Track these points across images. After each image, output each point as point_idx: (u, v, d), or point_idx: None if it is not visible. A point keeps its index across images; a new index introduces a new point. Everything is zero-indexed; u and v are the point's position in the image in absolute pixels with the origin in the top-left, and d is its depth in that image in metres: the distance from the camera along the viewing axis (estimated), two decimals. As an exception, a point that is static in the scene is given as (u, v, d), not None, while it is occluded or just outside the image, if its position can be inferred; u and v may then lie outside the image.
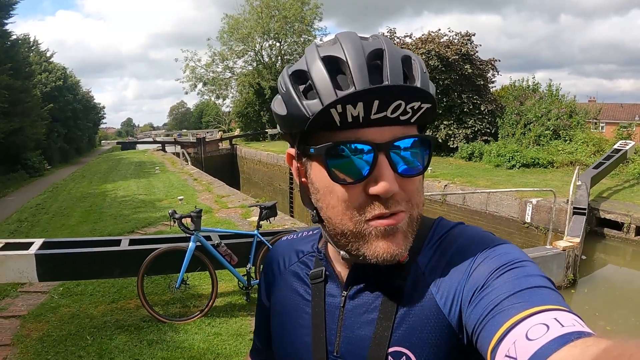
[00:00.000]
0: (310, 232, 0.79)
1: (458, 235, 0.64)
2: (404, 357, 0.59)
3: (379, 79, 0.55)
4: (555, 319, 0.45)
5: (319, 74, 0.56)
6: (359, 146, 0.55)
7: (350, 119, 0.53)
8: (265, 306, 0.80)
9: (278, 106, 0.61)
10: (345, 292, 0.66)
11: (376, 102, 0.52)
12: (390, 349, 0.60)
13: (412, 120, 0.56)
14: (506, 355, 0.45)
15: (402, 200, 0.57)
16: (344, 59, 0.56)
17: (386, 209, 0.56)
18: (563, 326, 0.43)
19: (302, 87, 0.58)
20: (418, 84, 0.57)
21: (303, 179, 0.64)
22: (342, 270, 0.68)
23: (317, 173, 0.59)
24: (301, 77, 0.58)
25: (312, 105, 0.56)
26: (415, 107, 0.54)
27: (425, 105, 0.55)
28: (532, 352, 0.42)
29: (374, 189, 0.55)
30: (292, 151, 0.64)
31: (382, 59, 0.56)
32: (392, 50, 0.57)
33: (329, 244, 0.68)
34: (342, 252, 0.63)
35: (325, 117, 0.54)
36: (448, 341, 0.57)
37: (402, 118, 0.55)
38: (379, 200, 0.56)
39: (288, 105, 0.59)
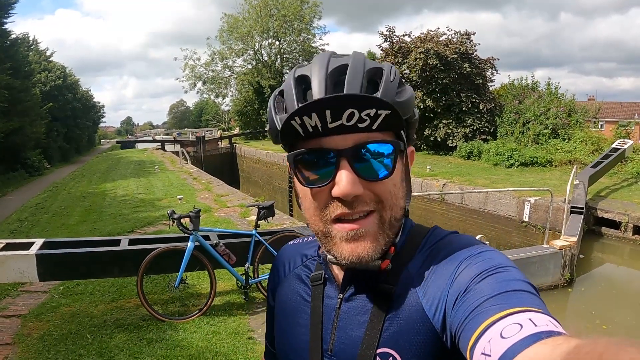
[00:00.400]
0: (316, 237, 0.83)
1: (448, 243, 0.67)
2: (391, 358, 0.62)
3: (340, 92, 0.60)
4: (529, 319, 0.47)
5: (289, 90, 0.64)
6: (323, 152, 0.59)
7: (310, 129, 0.57)
8: (272, 308, 0.84)
9: (267, 122, 0.68)
10: (342, 295, 0.69)
11: (328, 112, 0.55)
12: (379, 350, 0.63)
13: (374, 127, 0.58)
14: (482, 353, 0.48)
15: (371, 201, 0.60)
16: (309, 76, 0.62)
17: (350, 209, 0.60)
18: (536, 326, 0.46)
19: (282, 104, 0.65)
20: (378, 93, 0.60)
21: (296, 186, 0.68)
22: (339, 274, 0.71)
23: (296, 179, 0.64)
24: (282, 95, 0.66)
25: (282, 119, 0.63)
26: (371, 114, 0.56)
27: (383, 112, 0.56)
28: (505, 349, 0.45)
29: (334, 192, 0.59)
30: None
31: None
32: (358, 64, 0.62)
33: None
34: (329, 256, 0.66)
35: (290, 128, 0.58)
36: (432, 344, 0.60)
37: (360, 125, 0.57)
38: (341, 202, 0.60)
39: (269, 120, 0.67)
